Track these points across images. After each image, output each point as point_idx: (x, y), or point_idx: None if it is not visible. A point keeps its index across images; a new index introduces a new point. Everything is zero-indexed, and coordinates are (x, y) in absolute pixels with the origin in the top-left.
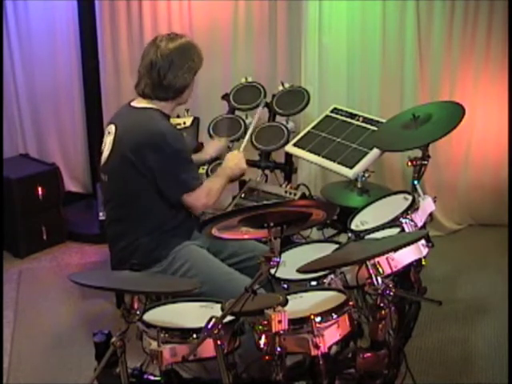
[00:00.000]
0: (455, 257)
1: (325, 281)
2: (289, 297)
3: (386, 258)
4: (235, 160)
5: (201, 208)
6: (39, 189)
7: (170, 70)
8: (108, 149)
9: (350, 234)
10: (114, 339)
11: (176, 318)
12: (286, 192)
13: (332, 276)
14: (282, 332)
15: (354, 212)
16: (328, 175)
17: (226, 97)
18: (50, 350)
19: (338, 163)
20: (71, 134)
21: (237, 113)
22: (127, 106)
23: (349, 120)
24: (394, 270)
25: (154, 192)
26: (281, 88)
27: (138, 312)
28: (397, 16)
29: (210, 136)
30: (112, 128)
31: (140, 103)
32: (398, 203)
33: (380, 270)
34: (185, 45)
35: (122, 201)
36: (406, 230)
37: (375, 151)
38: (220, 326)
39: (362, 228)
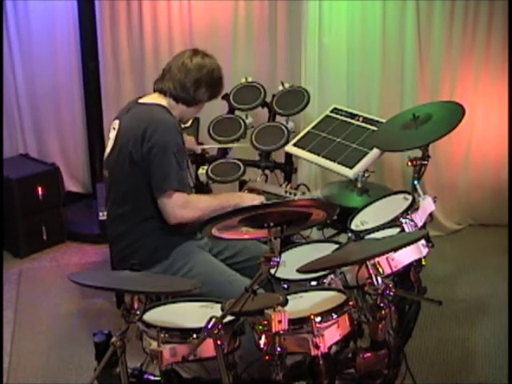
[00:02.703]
0: (455, 257)
1: (325, 281)
2: (289, 297)
3: (386, 258)
4: (254, 197)
5: (170, 214)
6: (39, 189)
7: (196, 79)
8: (111, 143)
9: (349, 234)
10: (113, 339)
11: (176, 318)
12: (285, 192)
13: (332, 276)
14: (281, 332)
15: (354, 212)
16: (328, 175)
17: (225, 97)
18: (49, 350)
19: (338, 163)
20: (71, 134)
21: (237, 113)
22: (134, 102)
23: (349, 120)
24: (394, 269)
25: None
26: (281, 88)
27: (137, 312)
28: (397, 16)
29: (210, 136)
30: (116, 123)
31: (149, 99)
32: (398, 203)
33: (380, 270)
34: (218, 70)
35: (122, 199)
36: (406, 230)
37: (375, 151)
38: (220, 326)
39: (361, 228)
